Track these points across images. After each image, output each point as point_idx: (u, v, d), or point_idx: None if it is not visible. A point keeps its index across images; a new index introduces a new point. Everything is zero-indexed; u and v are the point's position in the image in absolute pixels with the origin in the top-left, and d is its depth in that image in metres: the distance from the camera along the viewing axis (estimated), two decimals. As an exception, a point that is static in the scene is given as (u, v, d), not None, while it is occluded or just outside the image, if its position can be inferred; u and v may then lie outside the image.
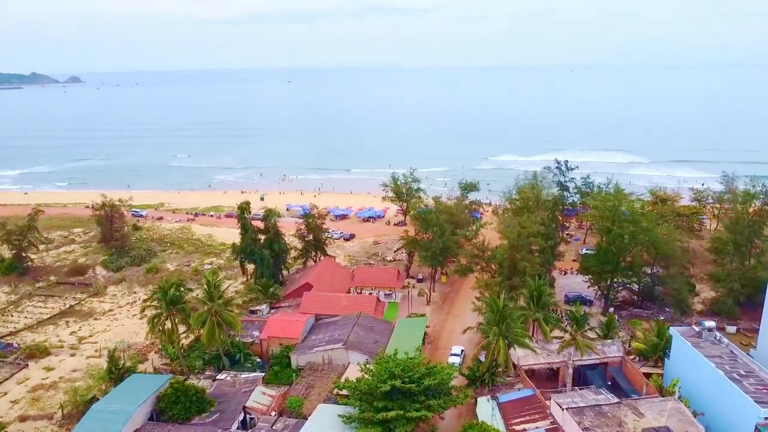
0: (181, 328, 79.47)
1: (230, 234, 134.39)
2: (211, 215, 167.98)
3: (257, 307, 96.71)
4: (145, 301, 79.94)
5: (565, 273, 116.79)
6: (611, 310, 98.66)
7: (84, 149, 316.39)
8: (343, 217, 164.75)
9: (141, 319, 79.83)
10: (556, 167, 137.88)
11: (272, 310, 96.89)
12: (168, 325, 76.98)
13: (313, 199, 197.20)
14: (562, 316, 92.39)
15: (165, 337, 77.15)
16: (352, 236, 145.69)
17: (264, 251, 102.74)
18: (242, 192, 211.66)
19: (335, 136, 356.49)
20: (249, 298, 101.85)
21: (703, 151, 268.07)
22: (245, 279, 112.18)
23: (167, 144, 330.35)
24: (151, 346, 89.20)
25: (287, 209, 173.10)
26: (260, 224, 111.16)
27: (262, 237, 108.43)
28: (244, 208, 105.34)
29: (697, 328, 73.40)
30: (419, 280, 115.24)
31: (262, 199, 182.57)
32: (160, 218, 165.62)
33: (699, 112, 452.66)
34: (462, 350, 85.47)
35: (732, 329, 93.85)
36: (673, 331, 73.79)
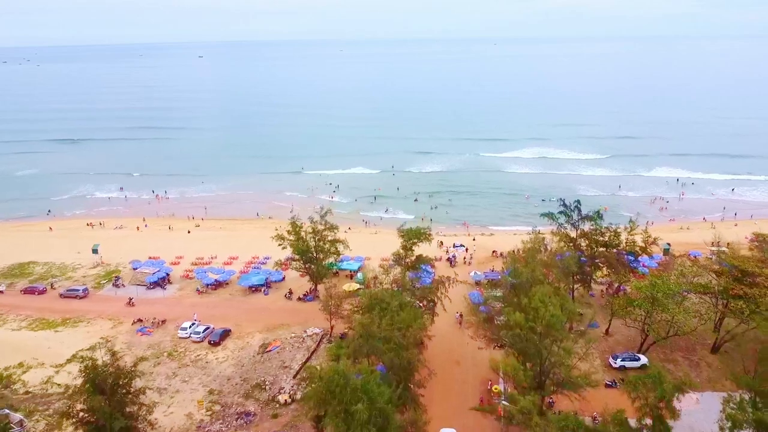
0: None
1: (27, 339, 71.89)
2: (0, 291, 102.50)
3: None
4: None
5: (595, 420, 61.61)
6: None
7: None
8: (218, 285, 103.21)
9: None
10: (561, 211, 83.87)
11: None
12: None
13: (186, 236, 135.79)
14: None
15: None
16: (226, 334, 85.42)
17: None
18: (87, 224, 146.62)
19: (237, 130, 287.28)
20: None
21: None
22: None
23: (12, 148, 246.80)
24: None
25: (133, 268, 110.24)
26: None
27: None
28: None
29: None
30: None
31: (95, 251, 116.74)
32: None
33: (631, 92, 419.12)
34: None
35: None
36: None
